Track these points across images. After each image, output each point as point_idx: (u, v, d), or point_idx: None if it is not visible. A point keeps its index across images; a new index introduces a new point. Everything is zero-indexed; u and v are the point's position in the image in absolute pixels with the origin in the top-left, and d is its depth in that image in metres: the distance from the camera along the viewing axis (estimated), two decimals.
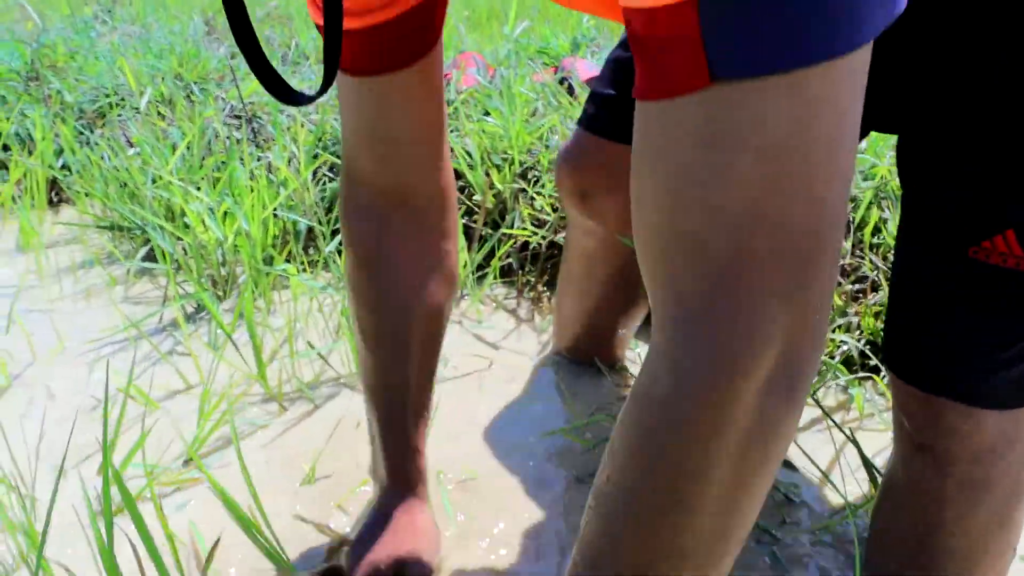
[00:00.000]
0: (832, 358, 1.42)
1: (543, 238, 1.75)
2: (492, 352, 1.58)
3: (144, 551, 0.91)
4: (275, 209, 1.79)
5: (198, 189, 1.93)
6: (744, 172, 0.49)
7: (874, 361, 1.43)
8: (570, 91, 2.27)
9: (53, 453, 1.28)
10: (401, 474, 0.99)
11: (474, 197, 1.83)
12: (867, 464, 1.15)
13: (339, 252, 1.76)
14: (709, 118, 0.50)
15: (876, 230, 1.64)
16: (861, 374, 1.44)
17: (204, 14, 4.46)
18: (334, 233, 1.85)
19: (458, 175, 1.88)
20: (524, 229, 1.76)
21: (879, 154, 1.77)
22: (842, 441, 1.28)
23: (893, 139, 0.89)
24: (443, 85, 0.88)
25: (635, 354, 1.52)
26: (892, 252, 1.24)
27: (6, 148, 2.57)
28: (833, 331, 1.46)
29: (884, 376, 1.43)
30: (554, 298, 1.52)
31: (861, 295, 1.56)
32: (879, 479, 1.09)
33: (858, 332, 1.50)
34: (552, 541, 1.11)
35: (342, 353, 1.53)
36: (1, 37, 3.73)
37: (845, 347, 1.45)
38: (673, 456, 0.55)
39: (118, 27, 4.16)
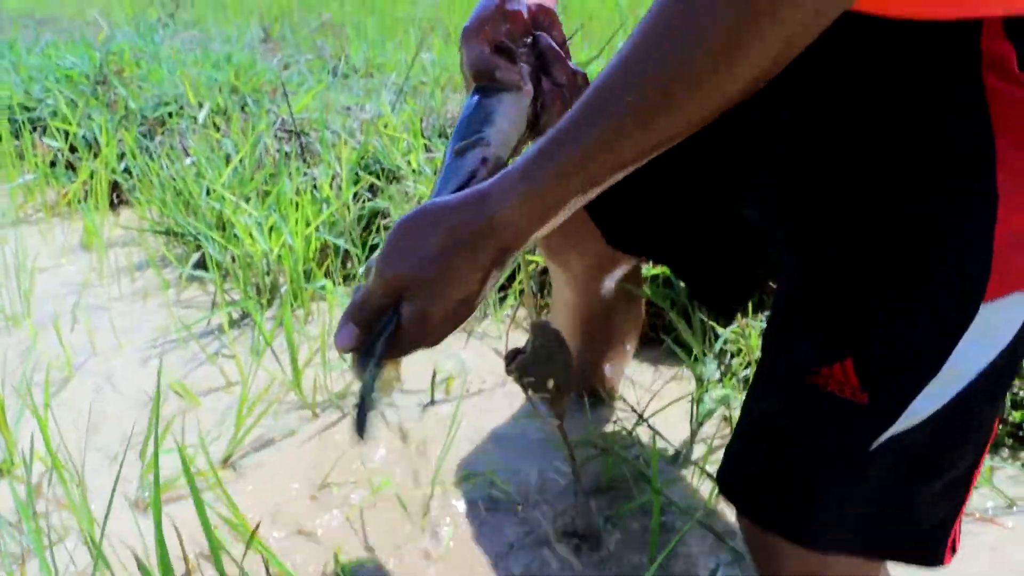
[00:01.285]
0: None
1: None
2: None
3: (197, 529, 1.05)
4: (317, 226, 1.94)
5: (248, 201, 2.09)
6: None
7: None
8: None
9: (107, 441, 1.44)
10: None
11: None
12: None
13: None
14: None
15: None
16: None
17: (262, 20, 4.65)
18: (370, 249, 1.99)
19: None
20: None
21: None
22: None
23: None
24: None
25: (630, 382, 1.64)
26: None
27: (73, 150, 2.77)
28: None
29: None
30: None
31: None
32: None
33: None
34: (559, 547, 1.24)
35: None
36: (74, 39, 3.95)
37: None
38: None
39: (179, 31, 4.36)
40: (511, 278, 1.91)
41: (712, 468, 1.34)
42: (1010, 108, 0.63)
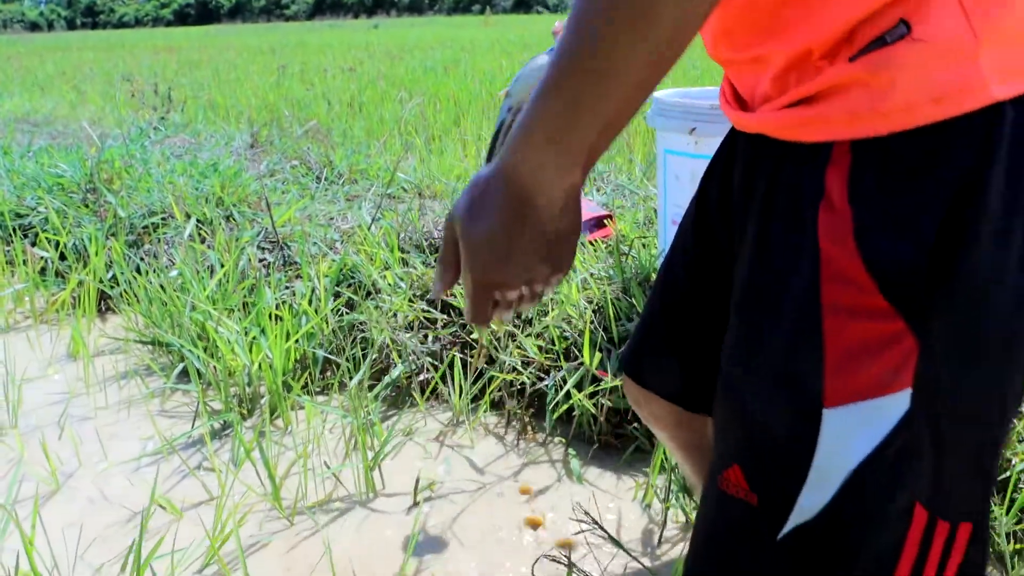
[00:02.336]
0: None
1: (529, 376, 1.96)
2: (480, 476, 1.78)
3: None
4: (297, 338, 2.03)
5: (230, 313, 2.18)
6: None
7: None
8: None
9: (94, 556, 1.50)
10: None
11: (472, 335, 2.06)
12: None
13: (349, 379, 1.98)
14: None
15: None
16: None
17: (251, 124, 4.83)
18: (351, 360, 2.08)
19: (457, 312, 2.12)
20: (514, 371, 1.99)
21: None
22: None
23: None
24: None
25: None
26: None
27: (63, 257, 2.87)
28: None
29: None
30: (540, 429, 1.72)
31: None
32: None
33: None
34: None
35: (354, 471, 1.75)
36: (67, 145, 4.09)
37: None
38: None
39: (170, 135, 4.52)
40: (483, 389, 2.00)
41: None
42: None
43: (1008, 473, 1.51)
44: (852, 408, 0.70)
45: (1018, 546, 1.45)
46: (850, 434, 0.71)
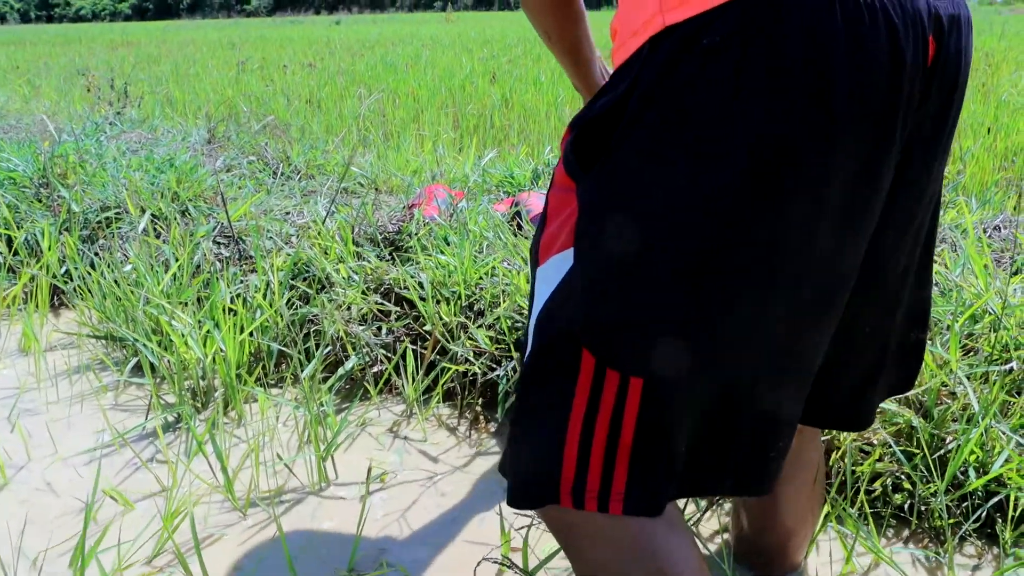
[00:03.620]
0: None
1: (481, 367, 1.99)
2: (433, 465, 1.81)
3: None
4: (251, 331, 2.04)
5: (185, 306, 2.18)
6: None
7: None
8: (519, 226, 2.54)
9: (39, 548, 1.51)
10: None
11: (424, 327, 2.08)
12: None
13: (300, 373, 2.00)
14: None
15: None
16: None
17: (208, 120, 4.79)
18: (305, 352, 2.09)
19: (410, 305, 2.15)
20: (466, 362, 2.02)
21: None
22: None
23: None
24: None
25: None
26: None
27: (15, 252, 2.84)
28: None
29: None
30: (492, 420, 1.75)
31: None
32: None
33: None
34: None
35: (307, 463, 1.76)
36: (20, 141, 4.04)
37: None
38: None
39: (126, 131, 4.47)
40: (436, 380, 2.03)
41: None
42: None
43: (942, 451, 1.57)
44: (545, 265, 0.87)
45: (952, 520, 1.51)
46: (540, 287, 0.88)
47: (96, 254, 2.71)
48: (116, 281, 2.34)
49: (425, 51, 12.38)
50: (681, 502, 1.55)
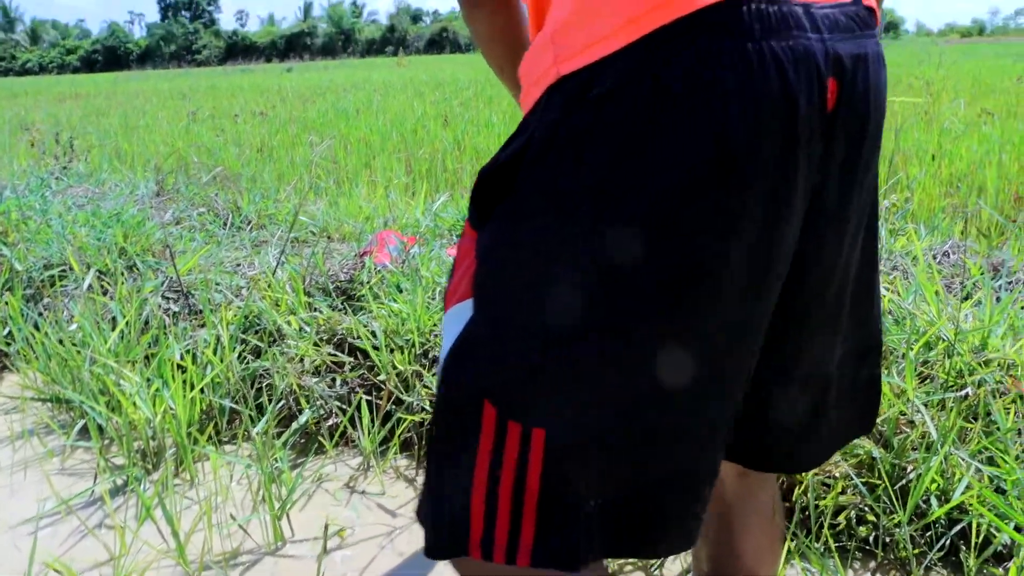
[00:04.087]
0: None
1: None
2: (392, 520, 1.77)
3: None
4: (202, 388, 1.99)
5: (133, 365, 2.13)
6: None
7: None
8: None
9: None
10: None
11: (379, 376, 2.05)
12: None
13: (253, 429, 1.95)
14: None
15: None
16: None
17: (157, 172, 4.73)
18: (258, 408, 2.05)
19: (364, 355, 2.11)
20: (422, 411, 1.99)
21: None
22: None
23: None
24: None
25: None
26: None
27: None
28: None
29: None
30: None
31: None
32: None
33: None
34: None
35: (261, 522, 1.71)
36: None
37: None
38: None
39: (72, 185, 4.40)
40: (392, 431, 1.99)
41: None
42: None
43: (903, 481, 1.57)
44: (449, 313, 0.86)
45: (917, 551, 1.50)
46: (447, 332, 0.85)
47: (40, 314, 2.64)
48: (61, 341, 2.28)
49: (377, 96, 12.42)
50: None
